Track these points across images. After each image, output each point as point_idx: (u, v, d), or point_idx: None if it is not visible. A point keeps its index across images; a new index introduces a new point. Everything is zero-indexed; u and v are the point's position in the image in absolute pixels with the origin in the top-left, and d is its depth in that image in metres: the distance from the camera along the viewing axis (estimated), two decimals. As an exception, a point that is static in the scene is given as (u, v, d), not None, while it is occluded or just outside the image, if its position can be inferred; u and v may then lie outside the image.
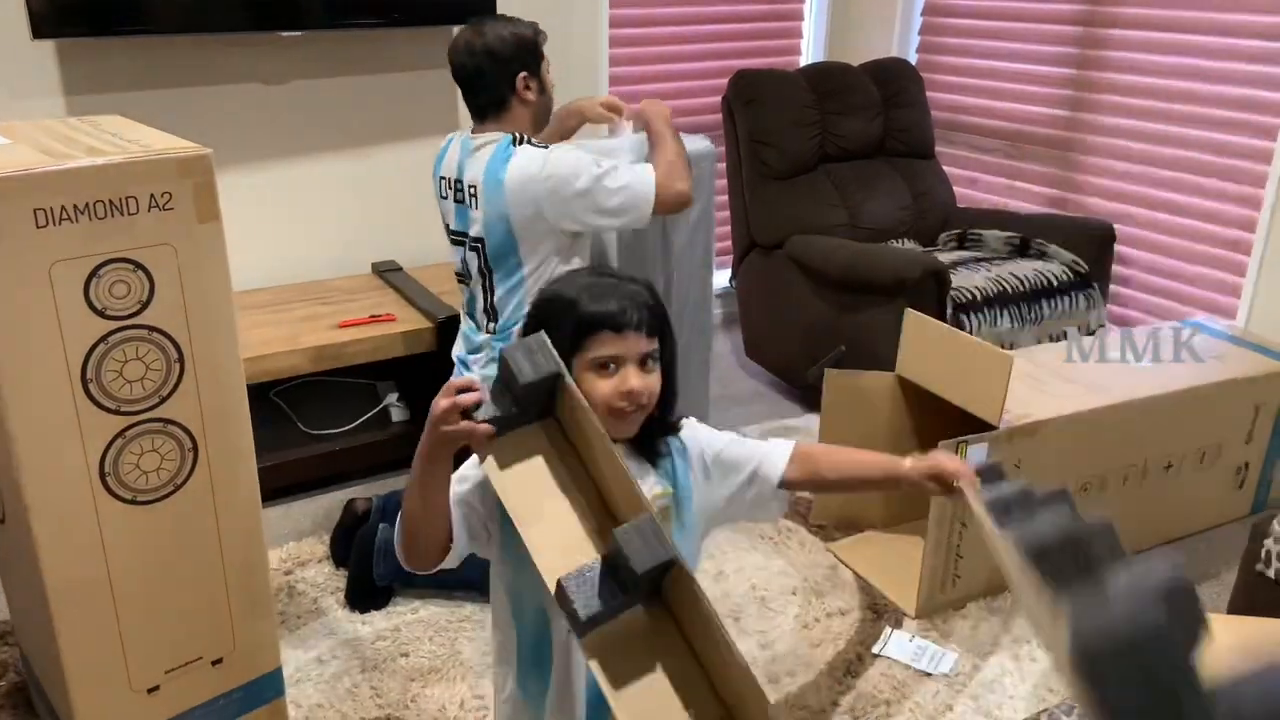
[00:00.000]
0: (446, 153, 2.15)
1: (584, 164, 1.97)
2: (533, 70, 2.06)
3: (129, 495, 1.50)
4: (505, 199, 1.98)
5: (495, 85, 2.03)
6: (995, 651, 2.04)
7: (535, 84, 2.07)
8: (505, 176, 1.98)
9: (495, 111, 2.06)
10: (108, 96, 2.58)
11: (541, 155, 1.98)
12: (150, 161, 1.39)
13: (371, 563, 2.10)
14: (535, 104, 2.10)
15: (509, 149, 2.00)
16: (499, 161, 2.00)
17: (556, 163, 1.96)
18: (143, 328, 1.44)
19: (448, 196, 2.13)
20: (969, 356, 2.07)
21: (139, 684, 1.60)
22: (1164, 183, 3.07)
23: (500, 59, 2.01)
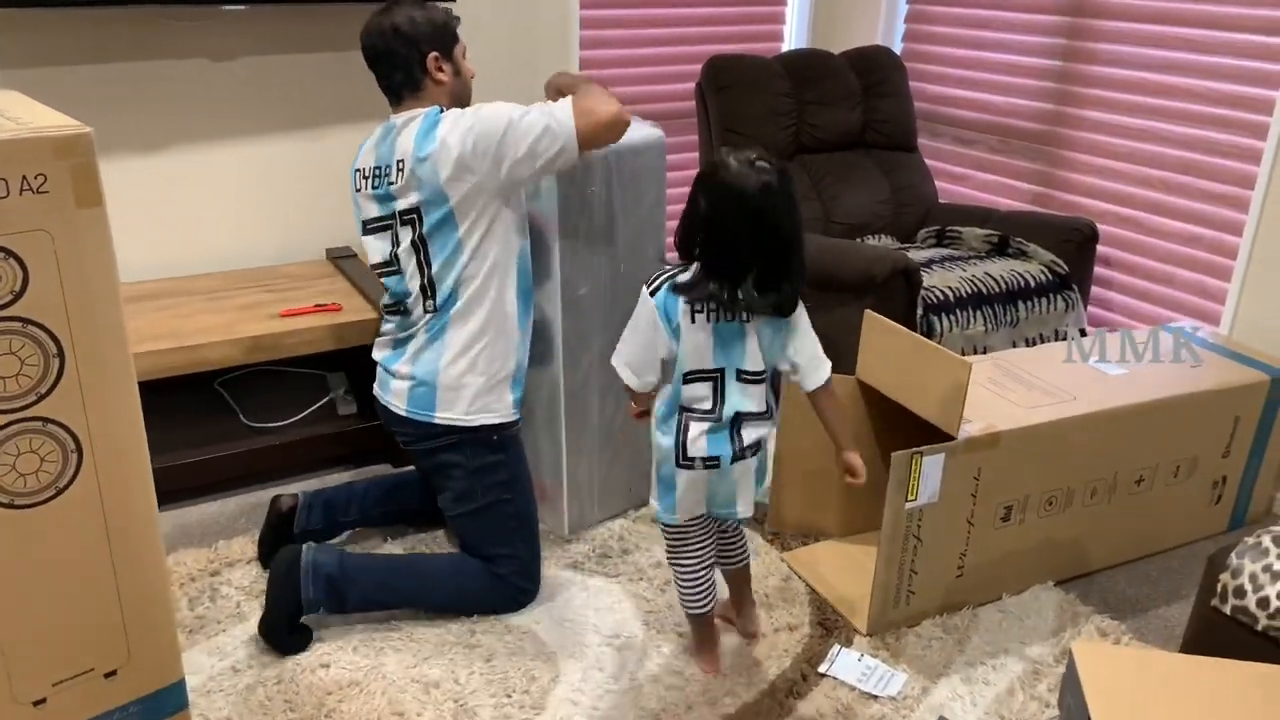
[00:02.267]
0: (364, 148, 2.04)
1: (504, 110, 1.90)
2: (444, 53, 1.99)
3: (5, 499, 1.40)
4: (435, 161, 1.88)
5: (407, 65, 1.96)
6: (946, 673, 1.94)
7: (449, 67, 2.00)
8: (435, 137, 1.89)
9: (411, 91, 1.99)
10: (42, 71, 2.47)
11: (471, 112, 1.91)
12: (20, 141, 1.28)
13: (292, 593, 1.92)
14: (450, 85, 2.01)
15: (436, 116, 1.93)
16: (427, 127, 1.91)
17: (480, 115, 1.89)
18: (16, 320, 1.34)
19: (362, 189, 2.02)
20: (928, 362, 1.97)
21: (23, 696, 1.50)
22: (1149, 181, 2.96)
23: (409, 39, 1.95)
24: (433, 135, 1.89)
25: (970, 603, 2.12)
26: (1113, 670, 1.35)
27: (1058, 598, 2.16)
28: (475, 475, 2.03)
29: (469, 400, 1.99)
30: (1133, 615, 2.15)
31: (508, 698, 1.84)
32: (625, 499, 2.45)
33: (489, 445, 2.03)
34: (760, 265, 1.63)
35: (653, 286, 1.70)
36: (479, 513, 2.05)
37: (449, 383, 1.98)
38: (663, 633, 2.03)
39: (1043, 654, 2.00)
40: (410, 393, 2.01)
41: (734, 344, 1.71)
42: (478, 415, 2.00)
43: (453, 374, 1.98)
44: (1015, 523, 2.10)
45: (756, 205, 1.60)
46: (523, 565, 2.07)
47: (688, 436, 1.73)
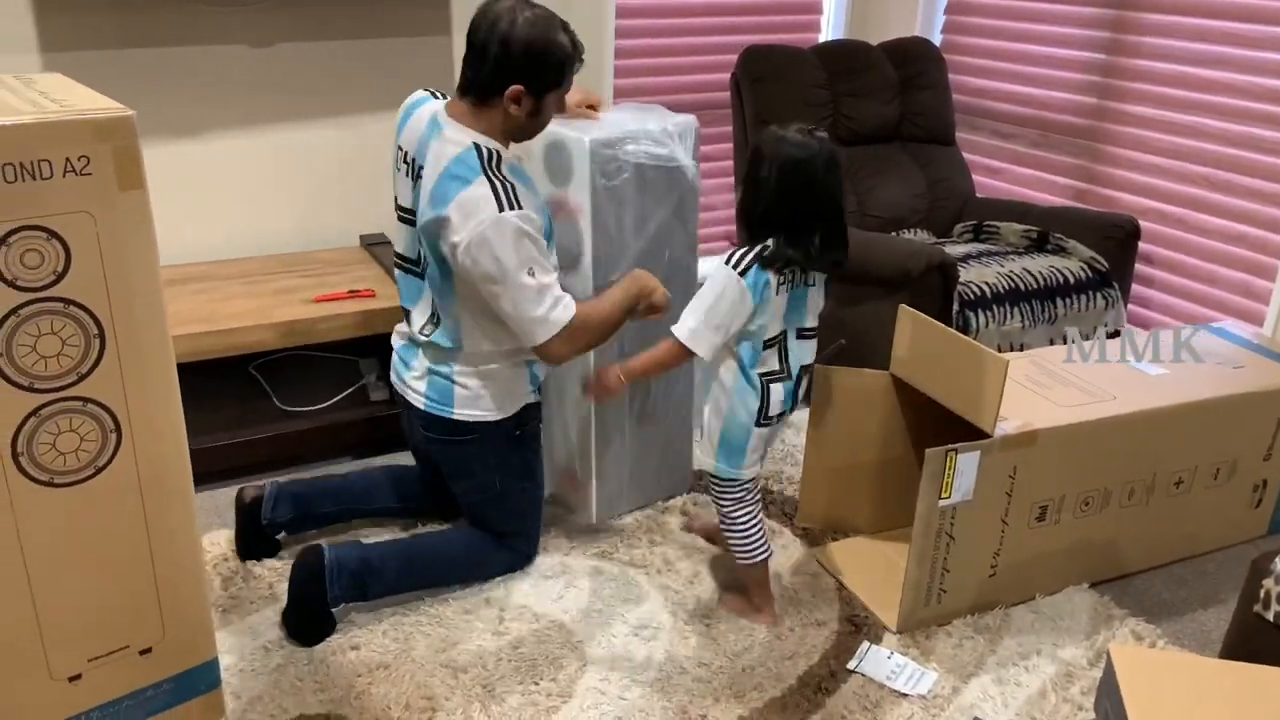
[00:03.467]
0: (410, 119, 1.93)
1: (513, 261, 1.77)
2: (534, 89, 1.81)
3: (45, 477, 1.42)
4: (438, 223, 1.80)
5: (489, 77, 1.79)
6: (978, 673, 1.92)
7: (529, 104, 1.83)
8: (451, 203, 1.77)
9: (477, 98, 1.82)
10: (88, 54, 2.50)
11: (489, 229, 1.75)
12: (64, 123, 1.29)
13: (318, 592, 1.91)
14: (519, 120, 1.85)
15: (469, 173, 1.78)
16: (454, 181, 1.78)
17: (491, 245, 1.76)
18: (58, 300, 1.35)
19: (403, 170, 1.94)
20: (964, 358, 1.94)
21: (59, 672, 1.53)
22: (1193, 178, 2.90)
23: (505, 57, 1.77)
24: (450, 198, 1.77)
25: (1003, 602, 2.10)
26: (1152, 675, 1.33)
27: (1092, 599, 2.14)
28: (495, 469, 2.05)
29: (489, 397, 1.99)
30: (1168, 619, 2.11)
31: (535, 685, 1.85)
32: (653, 490, 2.44)
33: (510, 438, 2.04)
34: (825, 226, 1.82)
35: (742, 267, 1.80)
36: (495, 500, 2.08)
37: (466, 380, 1.97)
38: (690, 624, 2.02)
39: (1076, 656, 1.97)
40: (429, 386, 2.00)
41: (799, 306, 1.90)
42: (497, 411, 2.00)
43: (469, 373, 1.97)
44: (1050, 523, 2.07)
45: (824, 170, 1.79)
46: (530, 536, 2.16)
47: (771, 398, 1.89)
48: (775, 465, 2.62)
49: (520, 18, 1.77)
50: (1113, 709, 1.33)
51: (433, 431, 2.03)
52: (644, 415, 2.36)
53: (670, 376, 2.38)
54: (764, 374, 1.89)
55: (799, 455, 2.66)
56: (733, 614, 2.05)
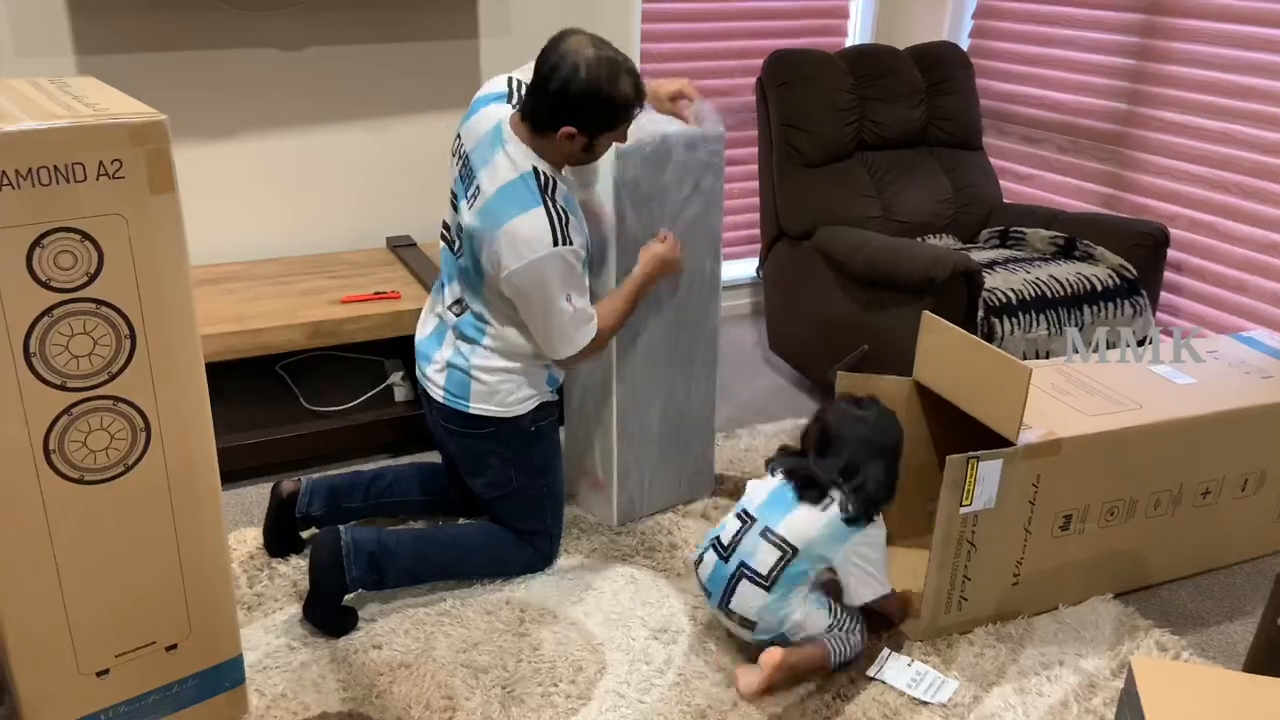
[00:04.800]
0: (478, 114, 1.97)
1: (553, 292, 1.87)
2: (588, 131, 1.86)
3: (75, 474, 1.44)
4: (487, 245, 1.88)
5: (547, 109, 1.84)
6: (999, 682, 1.91)
7: (582, 141, 1.87)
8: (501, 230, 1.84)
9: (535, 127, 1.87)
10: (121, 57, 2.54)
11: (541, 253, 1.83)
12: (98, 127, 1.32)
13: (336, 574, 1.94)
14: (571, 154, 1.91)
15: (531, 199, 1.84)
16: (511, 204, 1.84)
17: (532, 279, 1.85)
18: (90, 301, 1.38)
19: (456, 158, 2.00)
20: (987, 366, 1.93)
21: (87, 666, 1.56)
22: (1225, 185, 2.87)
23: (567, 95, 1.80)
24: (503, 220, 1.84)
25: (1025, 612, 2.08)
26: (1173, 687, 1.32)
27: (1116, 610, 2.12)
28: (511, 464, 2.07)
29: (506, 393, 2.02)
30: (1193, 631, 2.09)
31: (554, 687, 1.86)
32: (674, 493, 2.44)
33: (525, 435, 2.06)
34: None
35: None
36: (513, 496, 2.10)
37: (484, 376, 2.01)
38: (710, 629, 2.02)
39: (1099, 667, 1.95)
40: (447, 379, 2.04)
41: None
42: (514, 406, 2.03)
43: (488, 367, 2.01)
44: (1074, 532, 2.05)
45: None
46: (551, 535, 2.16)
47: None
48: (797, 470, 2.62)
49: (584, 61, 1.79)
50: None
51: (450, 424, 2.06)
52: (666, 418, 2.36)
53: (693, 380, 2.39)
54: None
55: (821, 460, 2.65)
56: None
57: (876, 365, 2.69)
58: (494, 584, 2.13)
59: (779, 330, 3.17)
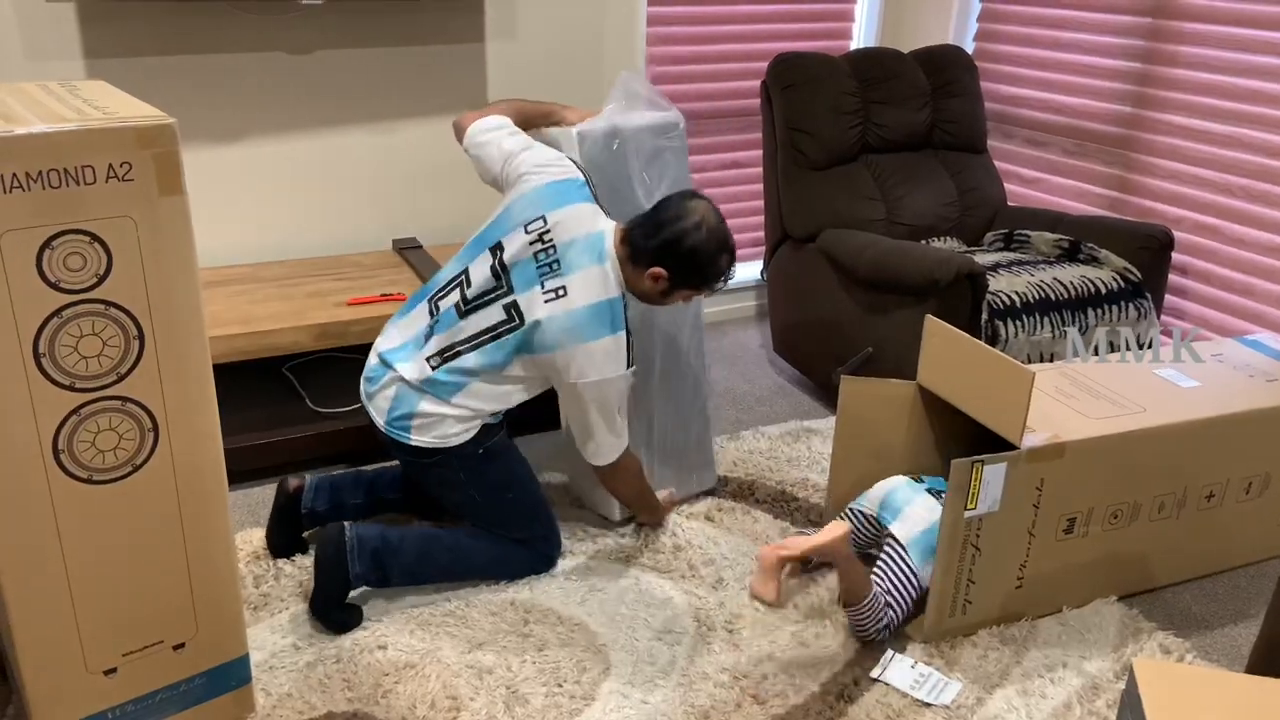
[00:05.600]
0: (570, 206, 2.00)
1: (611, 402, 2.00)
2: (675, 281, 1.99)
3: (84, 474, 1.46)
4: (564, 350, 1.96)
5: (650, 251, 1.96)
6: (1003, 684, 1.91)
7: (664, 287, 2.00)
8: (585, 347, 1.94)
9: (634, 257, 1.98)
10: (129, 61, 2.56)
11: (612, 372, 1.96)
12: (108, 130, 1.33)
13: (340, 570, 1.97)
14: (645, 291, 2.02)
15: (616, 325, 1.95)
16: (598, 325, 1.94)
17: (604, 386, 1.97)
18: (100, 302, 1.39)
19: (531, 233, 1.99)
20: (990, 370, 1.94)
21: (95, 665, 1.57)
22: (1229, 188, 2.87)
23: (678, 245, 1.95)
24: (587, 341, 1.93)
25: (1029, 614, 2.08)
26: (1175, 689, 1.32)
27: (1120, 613, 2.12)
28: (468, 485, 2.09)
29: (446, 427, 2.02)
30: (1198, 633, 2.09)
31: (559, 687, 1.86)
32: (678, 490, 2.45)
33: (474, 458, 2.06)
34: None
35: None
36: (485, 511, 2.12)
37: (429, 410, 2.02)
38: (714, 630, 2.03)
39: (1103, 669, 1.95)
40: (390, 408, 2.05)
41: None
42: (453, 438, 2.03)
43: (433, 413, 2.02)
44: (1078, 535, 2.05)
45: None
46: (543, 538, 2.18)
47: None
48: (802, 472, 2.62)
49: (707, 225, 1.97)
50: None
51: (396, 451, 2.08)
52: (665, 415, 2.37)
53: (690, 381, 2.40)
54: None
55: (826, 463, 2.66)
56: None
57: (881, 368, 2.69)
58: (498, 585, 2.14)
59: (783, 332, 3.17)
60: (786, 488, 2.55)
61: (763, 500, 2.50)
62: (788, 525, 2.40)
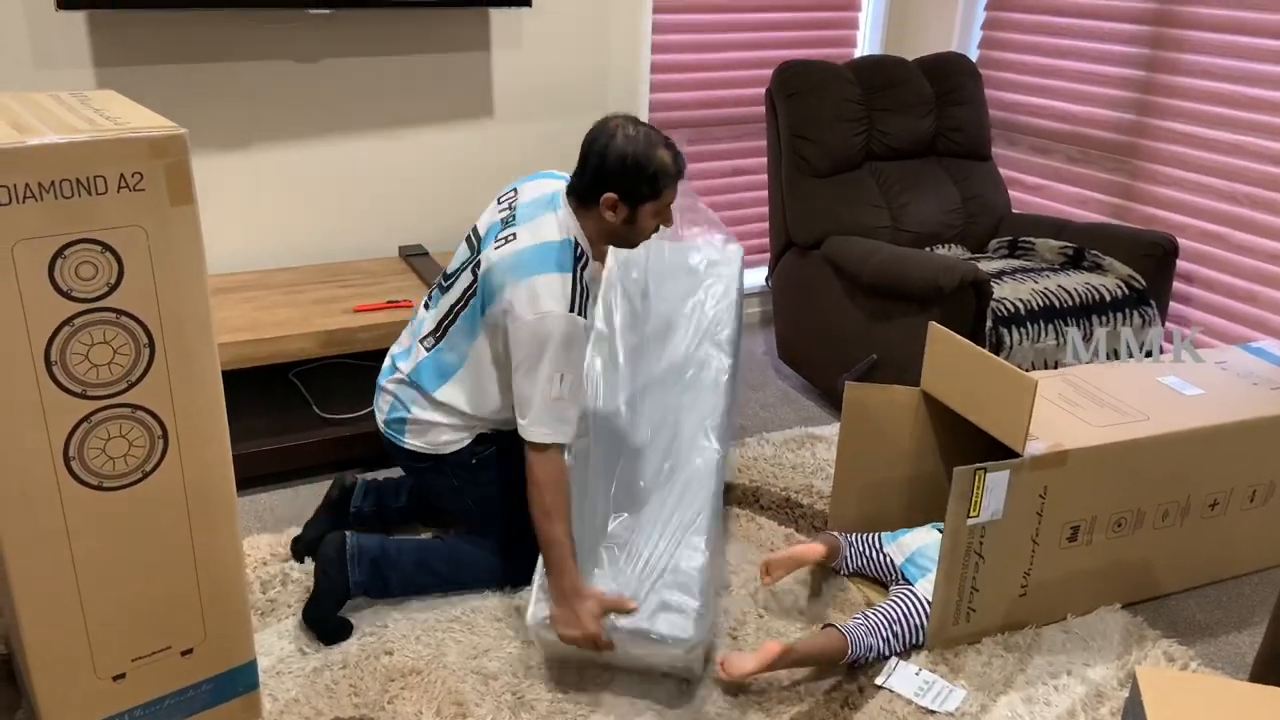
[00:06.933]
0: (537, 179, 2.06)
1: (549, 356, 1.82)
2: (626, 200, 1.91)
3: (94, 480, 1.47)
4: (498, 297, 1.89)
5: (587, 183, 1.92)
6: (1007, 691, 1.92)
7: (624, 211, 1.92)
8: (514, 291, 1.84)
9: (578, 201, 1.94)
10: (138, 69, 2.57)
11: (556, 313, 1.82)
12: (119, 140, 1.34)
13: (340, 577, 1.99)
14: (614, 227, 1.95)
15: (563, 266, 1.85)
16: (543, 262, 1.85)
17: (539, 326, 1.82)
18: (111, 311, 1.41)
19: (502, 206, 2.04)
20: (993, 377, 1.94)
21: (104, 671, 1.58)
22: (1234, 196, 2.87)
23: (605, 165, 1.89)
24: (528, 274, 1.84)
25: (1033, 622, 2.09)
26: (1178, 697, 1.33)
27: (1124, 620, 2.12)
28: (462, 491, 2.10)
29: (437, 433, 2.04)
30: (1202, 641, 2.09)
31: (564, 694, 1.87)
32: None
33: (467, 466, 2.07)
34: None
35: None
36: (481, 517, 2.14)
37: (421, 415, 2.04)
38: (719, 637, 2.04)
39: (1107, 676, 1.96)
40: (389, 409, 2.09)
41: None
42: (445, 446, 2.05)
43: (425, 420, 2.04)
44: (1082, 543, 2.06)
45: None
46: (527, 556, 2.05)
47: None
48: (805, 479, 2.63)
49: (621, 133, 1.89)
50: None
51: (394, 454, 2.12)
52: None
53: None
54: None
55: (830, 469, 2.66)
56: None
57: (886, 375, 2.70)
58: (504, 591, 2.15)
59: (788, 339, 3.18)
60: (791, 494, 2.55)
61: (767, 507, 2.51)
62: (792, 532, 2.41)
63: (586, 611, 1.80)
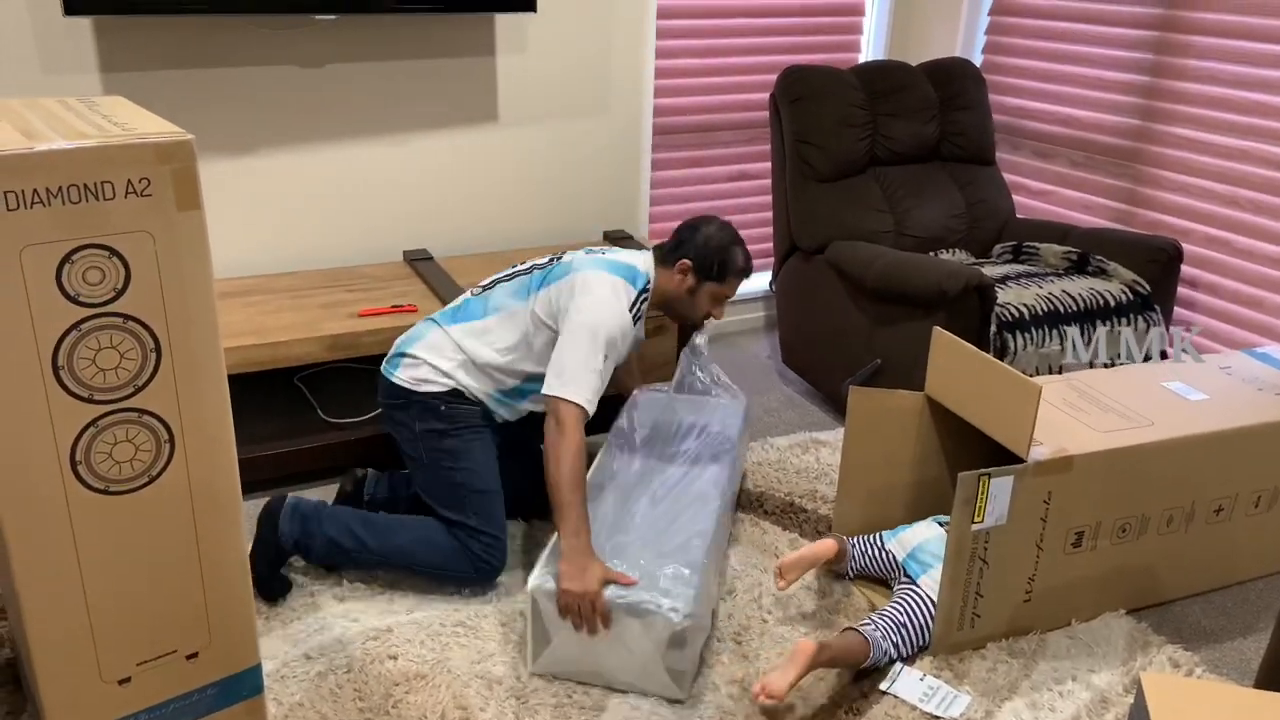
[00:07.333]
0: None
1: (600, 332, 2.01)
2: (699, 272, 2.20)
3: (101, 485, 1.47)
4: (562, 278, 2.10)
5: (673, 247, 2.22)
6: (1011, 697, 1.91)
7: (690, 281, 2.20)
8: (596, 275, 2.08)
9: (662, 258, 2.22)
10: (145, 75, 2.58)
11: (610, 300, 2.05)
12: (127, 146, 1.35)
13: (271, 523, 2.11)
14: (676, 289, 2.21)
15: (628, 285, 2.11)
16: (616, 270, 2.11)
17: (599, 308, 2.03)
18: (118, 316, 1.41)
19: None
20: (996, 382, 1.94)
21: (110, 675, 1.58)
22: (1238, 201, 2.87)
23: (693, 239, 2.20)
24: (599, 270, 2.09)
25: (1038, 628, 2.08)
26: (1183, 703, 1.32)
27: (1129, 626, 2.12)
28: (420, 438, 2.15)
29: (426, 372, 2.15)
30: (1207, 647, 2.09)
31: (568, 698, 1.87)
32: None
33: (436, 413, 2.14)
34: None
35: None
36: (424, 472, 2.17)
37: (416, 353, 2.17)
38: (721, 642, 2.04)
39: (1111, 682, 1.96)
40: (399, 343, 2.24)
41: None
42: (426, 385, 2.15)
43: (425, 350, 2.16)
44: (1087, 549, 2.06)
45: None
46: (479, 532, 2.11)
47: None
48: (810, 484, 2.63)
49: (716, 225, 2.23)
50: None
51: (380, 398, 2.22)
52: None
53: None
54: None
55: (834, 474, 2.66)
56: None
57: (890, 380, 2.70)
58: (508, 595, 2.15)
59: (791, 344, 3.18)
60: (795, 499, 2.56)
61: (771, 511, 2.51)
62: (796, 536, 2.41)
63: (593, 571, 1.83)
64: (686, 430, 2.36)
